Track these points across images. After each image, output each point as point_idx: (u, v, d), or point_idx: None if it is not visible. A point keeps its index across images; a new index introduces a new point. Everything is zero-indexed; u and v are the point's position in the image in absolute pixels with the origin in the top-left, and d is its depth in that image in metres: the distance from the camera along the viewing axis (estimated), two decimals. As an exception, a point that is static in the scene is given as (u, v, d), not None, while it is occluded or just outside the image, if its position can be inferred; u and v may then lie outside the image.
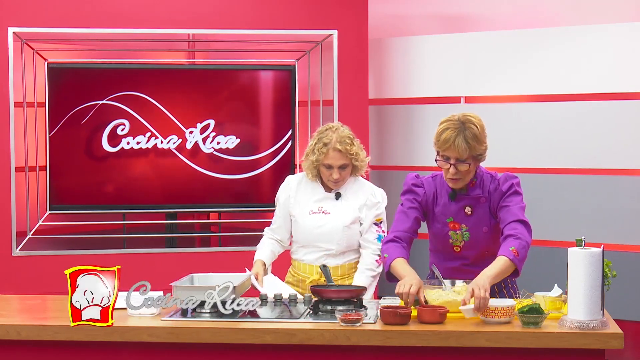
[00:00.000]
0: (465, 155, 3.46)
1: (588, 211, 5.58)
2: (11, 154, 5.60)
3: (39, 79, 5.73)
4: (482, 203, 3.57)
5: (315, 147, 3.93)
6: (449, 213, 3.60)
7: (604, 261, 3.14)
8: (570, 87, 5.70)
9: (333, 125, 3.99)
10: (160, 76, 5.92)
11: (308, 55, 6.02)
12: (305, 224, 3.98)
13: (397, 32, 6.43)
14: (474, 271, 3.44)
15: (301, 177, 4.08)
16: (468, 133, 3.46)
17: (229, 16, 5.85)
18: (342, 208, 3.97)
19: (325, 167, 3.92)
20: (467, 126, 3.47)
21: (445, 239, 3.62)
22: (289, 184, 4.08)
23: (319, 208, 3.98)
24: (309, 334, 3.13)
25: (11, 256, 5.63)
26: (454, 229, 3.60)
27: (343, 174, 3.93)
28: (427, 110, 6.14)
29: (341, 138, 3.90)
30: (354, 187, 4.00)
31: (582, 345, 3.04)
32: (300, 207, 4.01)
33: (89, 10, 5.68)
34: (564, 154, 5.69)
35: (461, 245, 3.61)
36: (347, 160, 3.91)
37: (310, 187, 4.02)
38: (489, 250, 3.58)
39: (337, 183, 3.95)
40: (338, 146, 3.88)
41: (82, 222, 5.97)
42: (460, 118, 3.50)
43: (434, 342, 3.09)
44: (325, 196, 4.00)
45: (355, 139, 3.97)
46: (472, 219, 3.58)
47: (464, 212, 3.58)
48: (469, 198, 3.58)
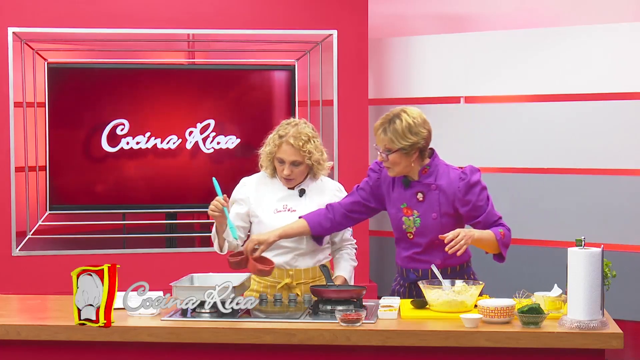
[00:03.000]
0: (389, 146, 3.57)
1: (588, 211, 5.58)
2: (11, 154, 5.60)
3: (39, 79, 5.73)
4: (433, 190, 3.65)
5: (271, 139, 3.84)
6: (403, 199, 3.68)
7: (604, 261, 3.14)
8: (570, 87, 5.70)
9: (295, 121, 3.87)
10: (160, 76, 5.92)
11: (308, 55, 6.02)
12: (271, 223, 3.82)
13: (397, 32, 6.43)
14: (425, 260, 3.63)
15: (260, 177, 3.94)
16: (392, 127, 3.57)
17: (229, 16, 5.85)
18: (307, 205, 3.86)
19: (278, 161, 3.81)
20: (394, 120, 3.59)
21: (400, 224, 3.70)
22: (246, 185, 3.94)
23: (284, 206, 3.85)
24: (309, 334, 3.13)
25: (11, 256, 5.63)
26: (406, 215, 3.67)
27: (295, 172, 3.80)
28: (427, 110, 6.06)
29: (297, 134, 3.78)
30: (317, 184, 3.90)
31: (582, 345, 3.04)
32: (263, 206, 3.87)
33: (89, 10, 5.68)
34: (564, 154, 5.69)
35: (413, 231, 3.67)
36: (300, 157, 3.77)
37: (271, 186, 3.90)
38: (438, 239, 3.62)
39: (289, 181, 3.84)
40: (291, 140, 3.76)
41: (82, 222, 5.97)
42: (394, 111, 3.63)
43: (434, 342, 3.09)
44: (288, 194, 3.88)
45: (314, 139, 3.83)
46: (423, 205, 3.65)
47: (416, 198, 3.66)
48: (421, 185, 3.66)
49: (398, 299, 3.49)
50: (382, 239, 6.30)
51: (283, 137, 3.79)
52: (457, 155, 6.01)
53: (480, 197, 3.63)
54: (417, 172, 3.64)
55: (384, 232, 6.28)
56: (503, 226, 3.66)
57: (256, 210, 3.87)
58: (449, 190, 3.63)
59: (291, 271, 3.79)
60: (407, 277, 3.70)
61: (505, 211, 5.76)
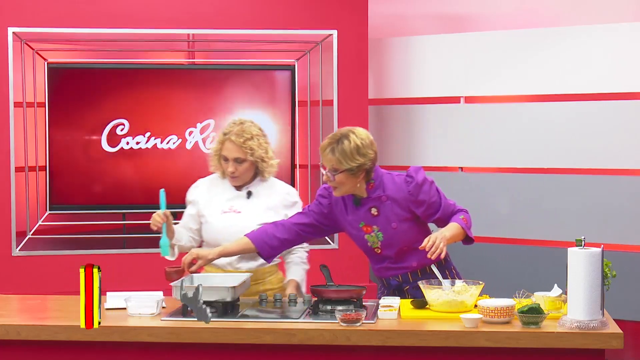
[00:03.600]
0: (337, 166, 3.56)
1: (588, 211, 5.58)
2: (11, 154, 5.60)
3: (39, 79, 5.73)
4: (385, 201, 3.65)
5: (217, 137, 3.89)
6: (359, 218, 3.68)
7: (604, 261, 3.15)
8: (570, 87, 5.70)
9: (241, 120, 3.90)
10: (160, 76, 5.92)
11: (308, 55, 6.02)
12: (216, 224, 3.87)
13: (397, 32, 6.43)
14: (401, 267, 3.66)
15: (212, 178, 3.98)
16: (340, 147, 3.57)
17: (229, 16, 5.85)
18: (253, 207, 3.88)
19: (223, 159, 3.84)
20: (342, 140, 3.59)
21: (364, 242, 3.70)
22: (198, 186, 3.99)
23: (230, 207, 3.88)
24: (309, 334, 3.13)
25: (11, 256, 5.62)
26: (367, 232, 3.68)
27: (239, 169, 3.83)
28: (427, 111, 6.14)
29: (240, 131, 3.82)
30: (265, 186, 3.92)
31: (582, 345, 3.04)
32: (211, 207, 3.91)
33: (89, 10, 5.68)
34: (564, 154, 5.69)
35: (379, 245, 3.68)
36: (242, 154, 3.80)
37: (221, 187, 3.93)
38: (408, 245, 3.66)
39: (234, 178, 3.86)
40: (233, 137, 3.80)
41: (82, 222, 5.97)
42: (342, 131, 3.64)
43: (434, 342, 3.09)
44: (236, 195, 3.90)
45: (258, 137, 3.86)
46: (380, 219, 3.65)
47: (371, 213, 3.66)
48: (371, 200, 3.66)
49: (398, 299, 3.49)
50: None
51: (226, 135, 3.84)
52: (457, 155, 6.04)
53: (431, 193, 3.65)
54: (364, 189, 3.65)
55: (384, 232, 6.28)
56: (460, 211, 3.69)
57: (204, 211, 3.91)
58: (400, 196, 3.64)
59: (233, 272, 3.80)
60: (388, 285, 3.73)
61: (505, 211, 5.84)
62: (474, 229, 3.71)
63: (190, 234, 3.95)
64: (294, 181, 6.04)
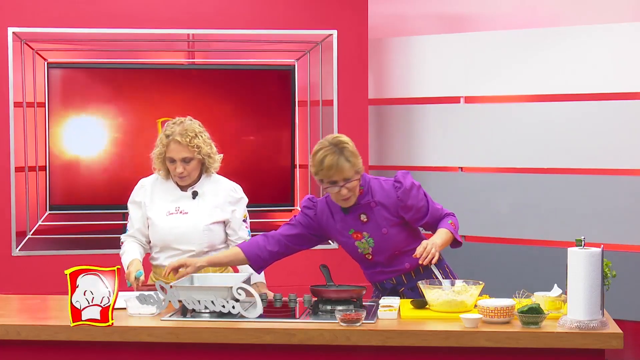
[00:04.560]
0: (351, 173, 3.54)
1: (588, 211, 5.58)
2: (11, 154, 5.60)
3: (39, 79, 5.73)
4: (374, 207, 3.64)
5: (159, 139, 3.85)
6: (348, 226, 3.67)
7: (604, 261, 3.15)
8: (570, 87, 5.70)
9: (180, 119, 3.88)
10: (160, 76, 5.92)
11: (308, 55, 6.02)
12: (162, 225, 3.85)
13: (397, 32, 6.43)
14: (394, 270, 3.66)
15: (155, 178, 3.95)
16: (346, 152, 3.55)
17: (229, 16, 5.85)
18: (200, 207, 3.86)
19: (169, 161, 3.82)
20: (341, 147, 3.56)
21: (355, 250, 3.70)
22: (144, 186, 3.96)
23: (176, 208, 3.86)
24: (309, 334, 3.13)
25: (11, 256, 5.62)
26: (357, 239, 3.67)
27: (187, 168, 3.81)
28: (427, 111, 6.14)
29: (184, 130, 3.79)
30: (210, 185, 3.90)
31: (582, 345, 3.04)
32: (156, 208, 3.89)
33: (89, 10, 5.68)
34: (564, 154, 5.69)
35: (370, 251, 3.68)
36: (189, 153, 3.79)
37: (165, 188, 3.91)
38: (399, 249, 3.66)
39: (182, 178, 3.84)
40: (178, 138, 3.77)
41: (82, 222, 5.97)
42: (332, 141, 3.59)
43: (434, 342, 3.09)
44: (181, 195, 3.88)
45: (202, 134, 3.85)
46: (369, 225, 3.64)
47: (360, 220, 3.65)
48: (360, 206, 3.64)
49: (398, 299, 3.50)
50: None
51: (170, 137, 3.80)
52: (457, 155, 6.04)
53: (419, 198, 3.66)
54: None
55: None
56: (448, 215, 3.70)
57: (149, 212, 3.89)
58: (389, 202, 3.64)
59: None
60: (383, 289, 3.74)
61: (505, 211, 5.84)
62: (474, 230, 3.73)
63: (142, 239, 3.93)
64: (294, 181, 6.05)
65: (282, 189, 6.01)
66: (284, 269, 5.96)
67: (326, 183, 3.57)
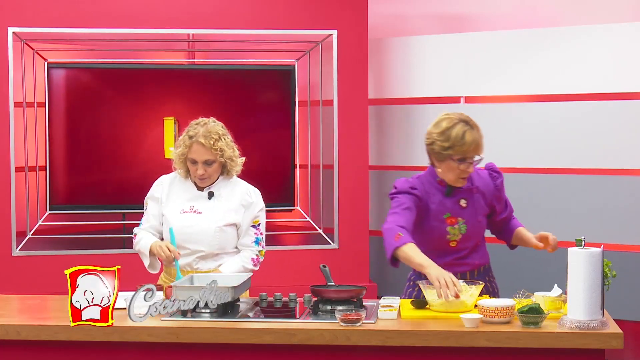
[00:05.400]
0: (479, 150, 3.53)
1: (588, 211, 5.58)
2: (11, 154, 5.60)
3: (39, 79, 5.73)
4: (474, 193, 3.63)
5: (182, 140, 3.81)
6: (445, 209, 3.60)
7: (604, 261, 3.14)
8: (570, 87, 5.70)
9: (203, 120, 3.84)
10: (160, 76, 5.92)
11: (308, 55, 6.02)
12: (175, 223, 3.81)
13: (397, 32, 6.43)
14: (466, 263, 3.62)
15: (174, 176, 3.93)
16: (476, 128, 3.52)
17: (229, 16, 5.85)
18: (215, 208, 3.83)
19: (190, 162, 3.79)
20: (472, 124, 3.53)
21: (443, 235, 3.61)
22: (162, 183, 3.93)
23: (191, 207, 3.83)
24: (309, 334, 3.13)
25: (11, 256, 5.63)
26: (451, 224, 3.61)
27: (209, 171, 3.78)
28: (427, 110, 6.14)
29: (207, 132, 3.76)
30: (228, 187, 3.87)
31: (582, 345, 3.04)
32: (171, 206, 3.86)
33: (89, 10, 5.68)
34: (564, 154, 5.69)
35: (458, 239, 3.62)
36: (212, 155, 3.76)
37: (182, 186, 3.88)
38: (481, 240, 3.67)
39: (203, 180, 3.81)
40: (202, 140, 3.74)
41: (82, 222, 5.97)
42: (462, 117, 3.54)
43: (434, 342, 3.09)
44: (197, 195, 3.85)
45: (225, 136, 3.82)
46: (467, 211, 3.61)
47: (459, 205, 3.61)
48: (462, 191, 3.61)
49: (398, 298, 3.49)
50: (382, 239, 6.28)
51: (193, 138, 3.77)
52: (457, 155, 6.04)
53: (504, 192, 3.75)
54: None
55: (384, 232, 6.28)
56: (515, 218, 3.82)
57: (165, 209, 3.87)
58: (487, 190, 3.66)
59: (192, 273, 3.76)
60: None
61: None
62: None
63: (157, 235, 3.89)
64: (294, 181, 6.05)
65: (282, 189, 6.01)
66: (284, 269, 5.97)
67: (455, 159, 3.50)
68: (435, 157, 3.57)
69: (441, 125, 3.53)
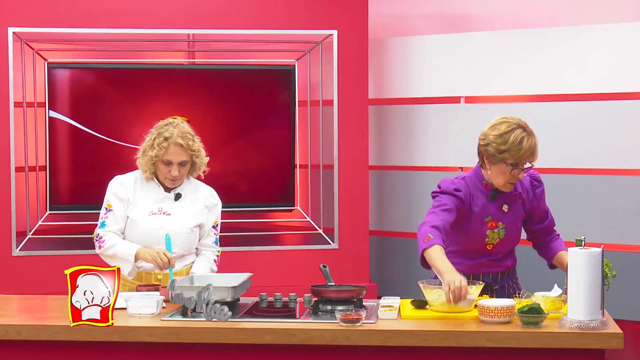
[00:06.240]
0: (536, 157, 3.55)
1: (588, 211, 5.58)
2: (11, 154, 5.60)
3: (39, 79, 5.73)
4: (517, 199, 3.65)
5: (155, 141, 3.74)
6: (487, 213, 3.62)
7: (604, 261, 3.15)
8: (570, 87, 5.70)
9: (173, 121, 3.80)
10: (160, 76, 5.92)
11: (308, 55, 6.02)
12: (145, 225, 3.76)
13: (397, 32, 6.43)
14: (498, 265, 3.66)
15: (136, 177, 3.86)
16: (533, 135, 3.57)
17: (229, 16, 5.85)
18: (183, 209, 3.81)
19: (164, 163, 3.74)
20: (530, 130, 3.58)
21: (481, 238, 3.62)
22: (124, 183, 3.84)
23: (159, 209, 3.79)
24: (309, 334, 3.13)
25: (11, 256, 5.63)
26: (491, 228, 3.62)
27: (182, 172, 3.75)
28: (427, 111, 6.14)
29: (183, 133, 3.72)
30: (191, 188, 3.85)
31: (582, 345, 3.04)
32: (138, 208, 3.79)
33: (89, 10, 5.68)
34: (564, 154, 5.69)
35: (495, 242, 3.64)
36: (188, 156, 3.73)
37: (147, 187, 3.82)
38: (514, 246, 3.72)
39: (174, 181, 3.78)
40: (180, 141, 3.70)
41: (82, 222, 5.97)
42: (520, 123, 3.59)
43: (434, 342, 3.09)
44: (164, 196, 3.81)
45: (196, 136, 3.79)
46: (508, 216, 3.63)
47: (502, 210, 3.63)
48: (505, 196, 3.63)
49: (398, 298, 3.49)
50: (382, 239, 6.30)
51: (170, 139, 3.72)
52: (457, 155, 6.04)
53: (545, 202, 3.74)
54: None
55: (384, 232, 6.28)
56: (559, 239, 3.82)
57: (131, 211, 3.81)
58: (527, 197, 3.67)
59: (159, 275, 3.77)
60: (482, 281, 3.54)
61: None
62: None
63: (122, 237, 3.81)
64: (294, 181, 6.05)
65: (282, 189, 6.01)
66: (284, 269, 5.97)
67: (508, 163, 3.51)
68: (488, 158, 3.58)
69: (500, 128, 3.56)
